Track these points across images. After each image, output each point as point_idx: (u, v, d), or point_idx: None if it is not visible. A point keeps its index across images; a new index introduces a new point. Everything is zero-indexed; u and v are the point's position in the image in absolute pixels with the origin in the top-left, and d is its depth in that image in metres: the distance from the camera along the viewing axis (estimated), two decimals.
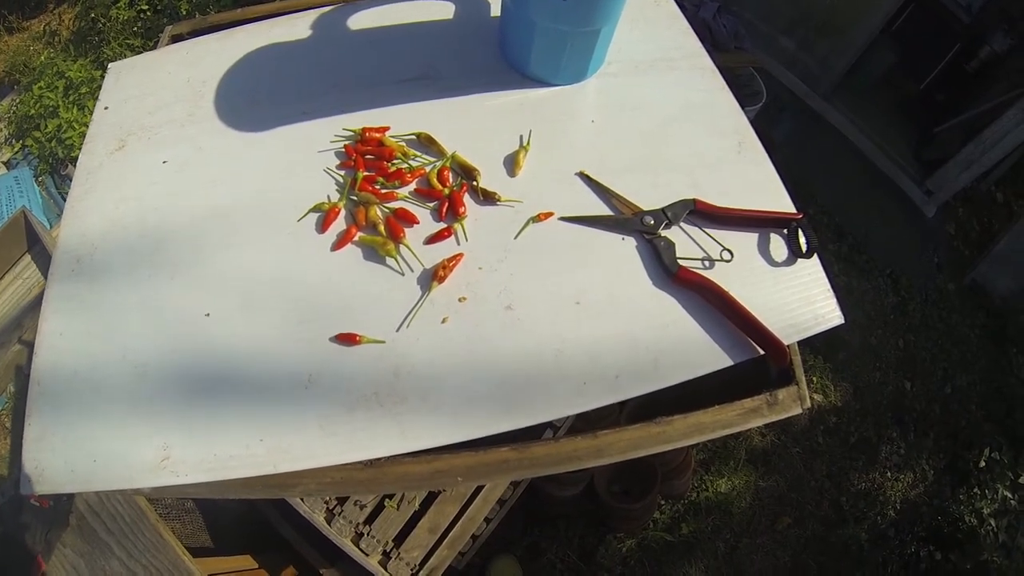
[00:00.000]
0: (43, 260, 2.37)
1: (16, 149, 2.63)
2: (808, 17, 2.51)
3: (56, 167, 2.54)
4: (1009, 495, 2.08)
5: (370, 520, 1.27)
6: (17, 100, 2.69)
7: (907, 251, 2.50)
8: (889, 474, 2.14)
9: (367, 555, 1.23)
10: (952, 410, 2.26)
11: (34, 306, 2.24)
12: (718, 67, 0.86)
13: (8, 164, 2.64)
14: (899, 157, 2.57)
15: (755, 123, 0.82)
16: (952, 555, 2.00)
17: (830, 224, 2.47)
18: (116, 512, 1.22)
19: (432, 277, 0.65)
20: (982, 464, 2.13)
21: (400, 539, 1.27)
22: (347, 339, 0.62)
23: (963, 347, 2.37)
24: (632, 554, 1.87)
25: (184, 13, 2.46)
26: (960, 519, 2.05)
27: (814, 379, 2.21)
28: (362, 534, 1.26)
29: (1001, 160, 2.36)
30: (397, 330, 0.63)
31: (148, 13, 2.62)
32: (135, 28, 2.62)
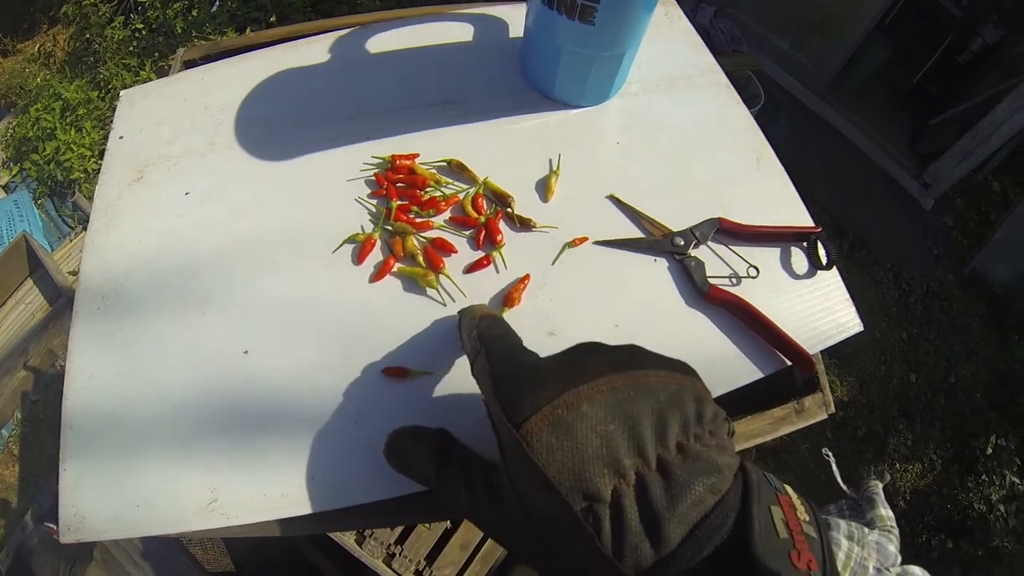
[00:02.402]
0: (45, 284, 2.34)
1: (14, 172, 2.60)
2: (802, 16, 2.53)
3: (55, 190, 2.51)
4: (1017, 480, 2.11)
5: (401, 540, 1.27)
6: (14, 123, 2.67)
7: (907, 244, 2.52)
8: (898, 465, 2.16)
9: (400, 575, 1.22)
10: (957, 400, 2.28)
11: (38, 332, 2.21)
12: None
13: (7, 188, 2.61)
14: (896, 151, 2.60)
15: None
16: (963, 542, 2.03)
17: (830, 222, 2.49)
18: (141, 543, 1.21)
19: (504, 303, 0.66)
20: (989, 451, 2.16)
21: (432, 557, 1.27)
22: (395, 373, 0.62)
23: (965, 337, 2.40)
24: None
25: (180, 32, 2.44)
26: (969, 507, 2.07)
27: None
28: (394, 554, 1.24)
29: (997, 150, 2.39)
30: (445, 361, 0.63)
31: (143, 32, 2.59)
32: (130, 48, 2.59)
